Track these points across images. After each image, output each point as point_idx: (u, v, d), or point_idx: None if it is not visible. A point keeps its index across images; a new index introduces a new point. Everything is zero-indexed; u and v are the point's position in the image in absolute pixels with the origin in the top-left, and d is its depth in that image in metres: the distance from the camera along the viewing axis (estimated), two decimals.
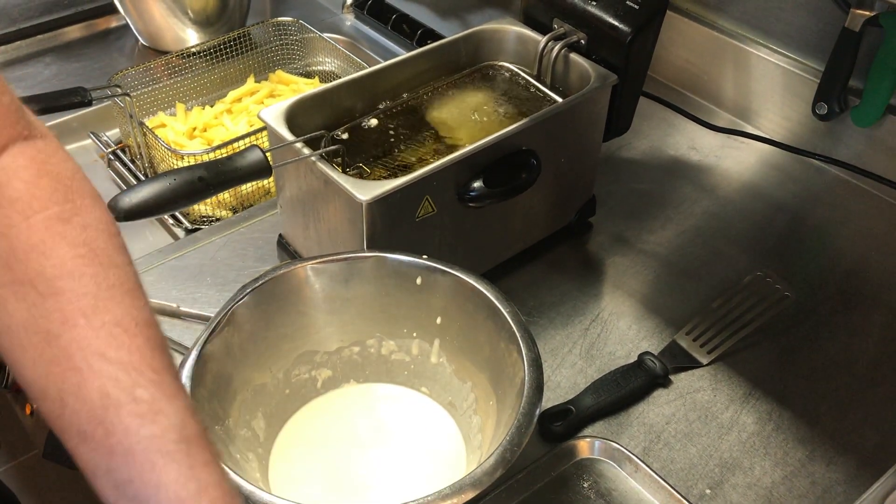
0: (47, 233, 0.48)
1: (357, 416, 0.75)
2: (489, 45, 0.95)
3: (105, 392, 0.44)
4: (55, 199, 0.49)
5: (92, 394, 0.44)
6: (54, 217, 0.48)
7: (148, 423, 0.44)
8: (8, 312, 0.47)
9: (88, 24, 1.37)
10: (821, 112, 1.03)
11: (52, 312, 0.46)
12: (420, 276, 0.72)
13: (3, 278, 0.47)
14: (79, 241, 0.48)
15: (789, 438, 0.77)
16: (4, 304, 0.47)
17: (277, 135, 0.79)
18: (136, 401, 0.44)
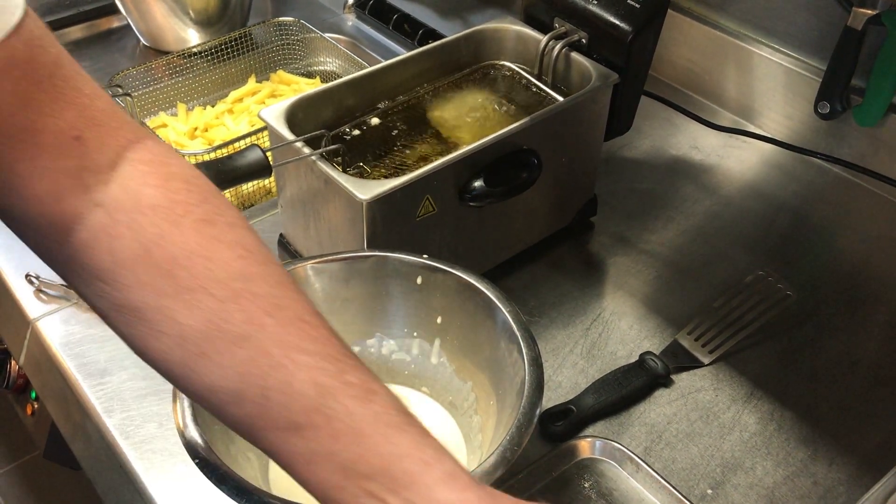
0: (200, 236, 0.47)
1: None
2: (490, 44, 0.95)
3: (317, 382, 0.45)
4: (193, 201, 0.48)
5: (304, 386, 0.45)
6: (200, 219, 0.48)
7: (368, 403, 0.46)
8: (178, 322, 0.46)
9: (90, 25, 1.37)
10: (823, 111, 1.02)
11: (234, 314, 0.46)
12: (420, 276, 0.72)
13: (167, 288, 0.46)
14: (232, 241, 0.48)
15: (791, 438, 0.77)
16: (173, 314, 0.46)
17: (278, 134, 0.79)
18: (349, 385, 0.46)
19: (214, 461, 0.58)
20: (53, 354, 0.84)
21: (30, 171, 0.46)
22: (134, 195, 0.48)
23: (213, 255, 0.47)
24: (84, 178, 0.47)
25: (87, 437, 0.81)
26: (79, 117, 0.46)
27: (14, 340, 0.92)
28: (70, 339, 0.85)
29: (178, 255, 0.46)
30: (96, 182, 0.47)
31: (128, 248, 0.47)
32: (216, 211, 0.49)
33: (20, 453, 1.71)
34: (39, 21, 0.46)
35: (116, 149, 0.48)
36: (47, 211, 0.47)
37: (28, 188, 0.46)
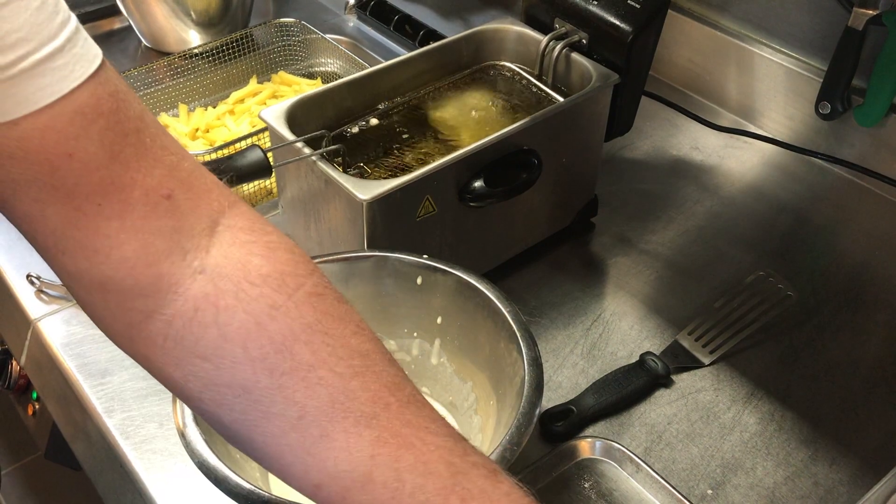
0: (315, 311, 0.45)
1: None
2: (490, 45, 0.95)
3: (449, 461, 0.44)
4: (302, 273, 0.46)
5: (438, 466, 0.43)
6: (312, 293, 0.45)
7: (498, 483, 0.44)
8: (297, 402, 0.43)
9: (92, 26, 1.37)
10: (824, 112, 1.02)
11: (359, 393, 0.44)
12: (420, 276, 0.72)
13: (284, 365, 0.43)
14: (344, 315, 0.46)
15: (792, 439, 0.77)
16: (291, 394, 0.43)
17: (278, 134, 0.79)
18: (476, 465, 0.44)
19: (214, 462, 0.58)
20: (54, 355, 0.84)
21: (118, 230, 0.42)
22: (240, 264, 0.44)
23: (331, 331, 0.44)
24: (180, 242, 0.43)
25: (87, 437, 0.81)
26: (168, 176, 0.43)
27: (15, 341, 0.92)
28: (71, 340, 0.85)
29: (297, 330, 0.44)
30: (195, 247, 0.44)
31: (238, 321, 0.43)
32: (324, 284, 0.47)
33: (21, 454, 1.72)
34: (120, 77, 0.44)
35: (211, 213, 0.45)
36: (138, 274, 0.43)
37: (115, 249, 0.42)
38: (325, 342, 0.44)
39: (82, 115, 0.41)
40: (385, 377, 0.45)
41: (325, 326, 0.45)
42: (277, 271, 0.45)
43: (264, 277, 0.44)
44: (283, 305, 0.44)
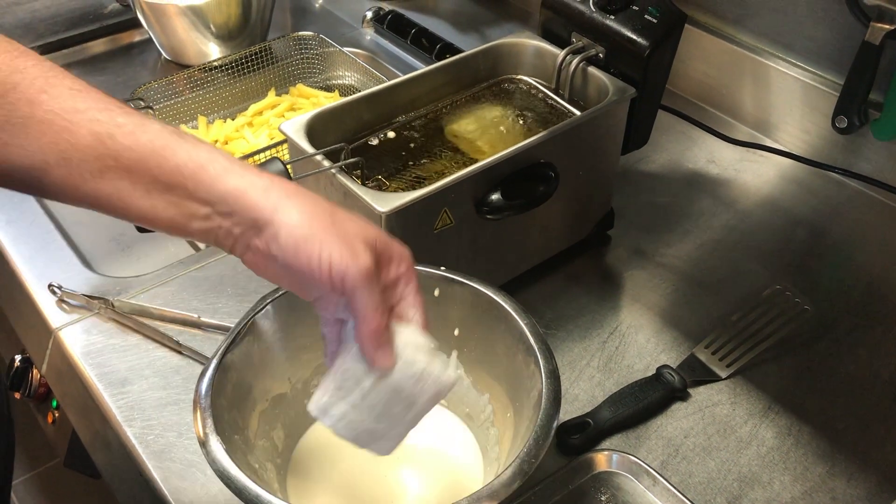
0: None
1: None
2: (507, 58, 0.96)
3: (94, 132, 0.52)
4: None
5: (86, 139, 0.52)
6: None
7: (143, 132, 0.53)
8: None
9: (112, 39, 1.39)
10: (841, 126, 1.02)
11: (18, 102, 0.52)
12: (438, 288, 0.72)
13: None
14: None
15: (809, 453, 0.76)
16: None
17: (298, 147, 0.80)
18: (121, 126, 0.53)
19: (234, 471, 0.58)
20: (75, 363, 0.85)
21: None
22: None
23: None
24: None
25: (107, 445, 0.81)
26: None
27: (36, 349, 0.93)
28: (91, 349, 0.86)
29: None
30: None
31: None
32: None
33: (40, 461, 1.73)
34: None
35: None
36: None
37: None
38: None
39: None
40: (38, 82, 0.54)
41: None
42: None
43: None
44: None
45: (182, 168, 0.53)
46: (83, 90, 0.54)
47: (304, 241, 0.53)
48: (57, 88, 0.53)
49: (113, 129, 0.53)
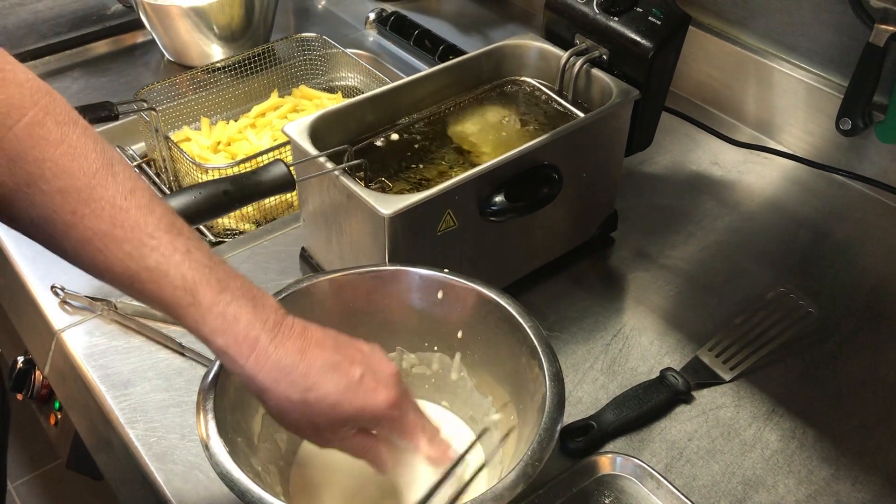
0: (31, 138, 0.53)
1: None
2: (511, 60, 0.95)
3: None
4: (26, 103, 0.53)
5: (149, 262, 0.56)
6: (31, 122, 0.53)
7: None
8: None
9: (115, 40, 1.39)
10: (844, 127, 1.02)
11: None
12: (441, 290, 0.72)
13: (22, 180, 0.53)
14: (61, 138, 0.54)
15: (813, 457, 0.76)
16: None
17: (301, 149, 0.80)
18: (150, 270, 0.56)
19: (237, 474, 0.58)
20: (77, 365, 0.85)
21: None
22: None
23: (46, 154, 0.54)
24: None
25: (110, 447, 0.81)
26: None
27: (39, 351, 0.93)
28: (94, 351, 0.86)
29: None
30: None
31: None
32: (46, 110, 0.54)
33: (42, 462, 1.73)
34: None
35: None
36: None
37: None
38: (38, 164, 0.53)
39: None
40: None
41: (39, 153, 0.53)
42: (4, 104, 0.52)
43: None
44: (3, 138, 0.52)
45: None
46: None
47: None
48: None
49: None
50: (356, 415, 0.60)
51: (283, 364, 0.57)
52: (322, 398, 0.58)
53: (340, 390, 0.59)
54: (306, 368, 0.58)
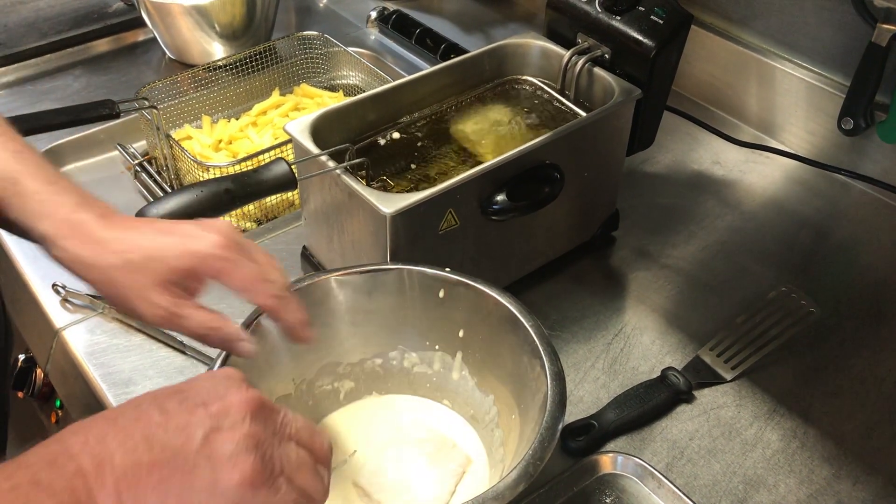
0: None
1: (379, 427, 0.75)
2: (513, 59, 0.95)
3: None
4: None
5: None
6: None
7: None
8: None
9: (116, 38, 1.39)
10: (846, 127, 1.02)
11: None
12: (443, 289, 0.72)
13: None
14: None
15: (815, 456, 0.76)
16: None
17: (303, 148, 0.80)
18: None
19: None
20: (79, 363, 0.85)
21: None
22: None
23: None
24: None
25: None
26: None
27: (40, 349, 0.93)
28: (95, 349, 0.85)
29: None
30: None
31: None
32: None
33: None
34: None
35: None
36: None
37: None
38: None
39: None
40: None
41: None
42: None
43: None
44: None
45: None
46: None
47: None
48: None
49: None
50: (178, 260, 0.56)
51: (107, 237, 0.57)
52: (145, 254, 0.56)
53: (164, 244, 0.57)
54: (133, 236, 0.57)
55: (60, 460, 0.42)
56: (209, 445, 0.44)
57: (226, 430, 0.45)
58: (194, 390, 0.47)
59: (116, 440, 0.43)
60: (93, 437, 0.43)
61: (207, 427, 0.45)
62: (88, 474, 0.42)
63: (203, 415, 0.45)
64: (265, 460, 0.45)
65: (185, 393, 0.47)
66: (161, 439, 0.44)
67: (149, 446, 0.43)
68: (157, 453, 0.43)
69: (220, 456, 0.44)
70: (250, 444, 0.45)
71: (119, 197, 1.13)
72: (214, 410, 0.46)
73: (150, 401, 0.46)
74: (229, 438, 0.45)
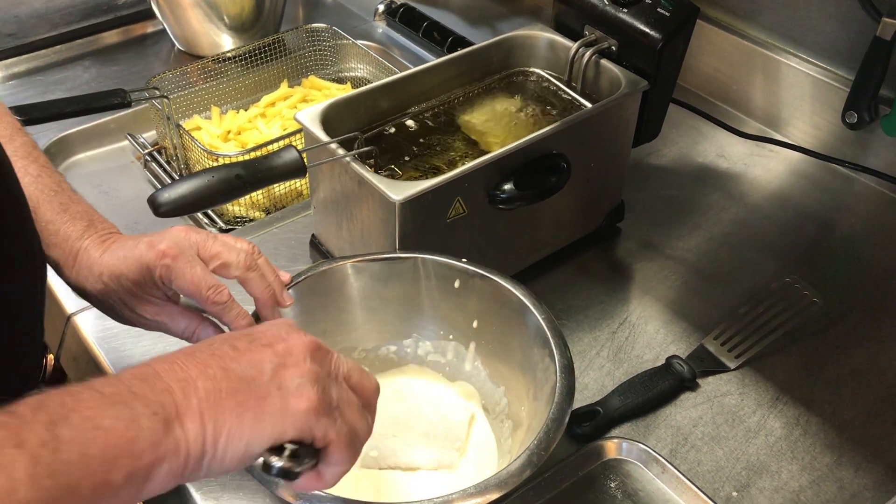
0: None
1: (391, 409, 0.75)
2: (520, 51, 0.96)
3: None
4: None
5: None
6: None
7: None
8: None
9: (126, 30, 1.40)
10: (850, 121, 1.03)
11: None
12: (458, 280, 0.73)
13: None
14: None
15: (817, 444, 0.77)
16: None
17: (313, 136, 0.80)
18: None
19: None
20: (90, 348, 0.86)
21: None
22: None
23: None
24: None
25: None
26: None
27: (51, 334, 0.94)
28: (106, 334, 0.86)
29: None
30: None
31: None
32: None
33: None
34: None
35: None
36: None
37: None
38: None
39: None
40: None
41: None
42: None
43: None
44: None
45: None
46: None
47: None
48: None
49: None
50: (135, 273, 0.64)
51: (98, 262, 0.66)
52: (112, 273, 0.65)
53: (124, 260, 0.65)
54: (107, 258, 0.66)
55: (151, 379, 0.48)
56: (278, 377, 0.50)
57: (290, 367, 0.51)
58: (260, 332, 0.53)
59: (197, 369, 0.49)
60: (177, 365, 0.49)
61: (275, 363, 0.51)
62: (175, 392, 0.47)
63: (270, 353, 0.51)
64: (325, 393, 0.51)
65: (252, 335, 0.53)
66: (236, 370, 0.50)
67: (226, 375, 0.49)
68: (233, 382, 0.49)
69: (287, 387, 0.50)
70: (312, 378, 0.51)
71: (129, 186, 1.15)
72: (280, 349, 0.52)
73: (222, 341, 0.52)
74: (295, 373, 0.51)
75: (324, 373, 0.52)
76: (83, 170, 1.18)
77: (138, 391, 0.46)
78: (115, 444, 0.44)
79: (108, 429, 0.44)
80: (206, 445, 0.47)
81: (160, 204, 0.70)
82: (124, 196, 1.13)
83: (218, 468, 0.49)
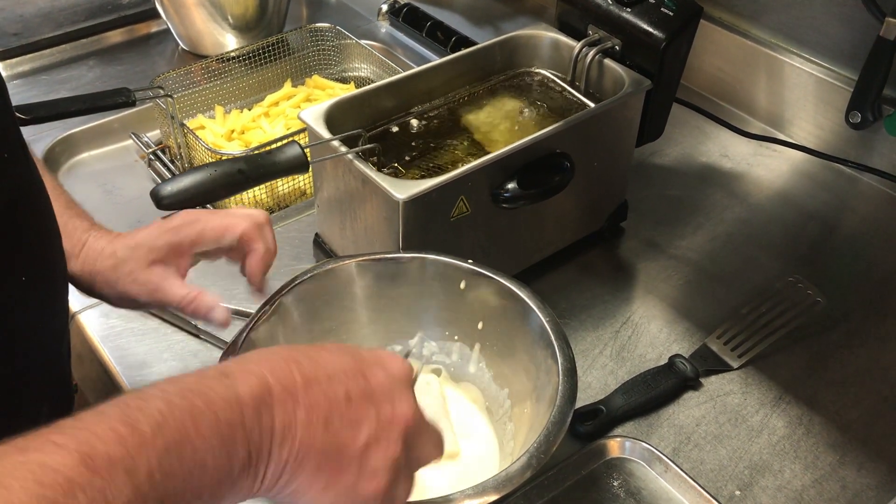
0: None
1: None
2: (524, 50, 0.96)
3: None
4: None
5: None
6: None
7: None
8: None
9: (130, 29, 1.40)
10: (854, 121, 1.03)
11: None
12: (464, 281, 0.72)
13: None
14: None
15: (820, 443, 0.77)
16: None
17: (317, 134, 0.81)
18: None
19: None
20: (94, 346, 0.86)
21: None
22: None
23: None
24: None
25: None
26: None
27: None
28: (110, 332, 0.87)
29: None
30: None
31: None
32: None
33: None
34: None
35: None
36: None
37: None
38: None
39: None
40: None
41: None
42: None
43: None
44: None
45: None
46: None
47: None
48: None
49: None
50: (158, 240, 0.68)
51: (106, 248, 0.69)
52: (128, 245, 0.69)
53: (145, 234, 0.69)
54: (121, 240, 0.69)
55: (262, 411, 0.45)
56: (365, 454, 0.48)
57: (382, 444, 0.49)
58: (376, 380, 0.50)
59: (304, 412, 0.46)
60: (289, 396, 0.46)
61: (371, 434, 0.49)
62: (275, 436, 0.45)
63: (374, 416, 0.49)
64: (394, 482, 0.50)
65: (368, 380, 0.50)
66: (335, 427, 0.47)
67: (325, 430, 0.47)
68: (327, 443, 0.47)
69: (367, 466, 0.48)
70: (393, 466, 0.49)
71: (133, 185, 1.15)
72: (384, 416, 0.49)
73: (343, 372, 0.49)
74: (381, 455, 0.49)
75: (406, 459, 0.50)
76: (87, 168, 1.18)
77: (248, 422, 0.44)
78: (208, 485, 0.43)
79: (209, 468, 0.42)
80: (271, 491, 0.46)
81: (163, 196, 0.71)
82: (128, 195, 1.14)
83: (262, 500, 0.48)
